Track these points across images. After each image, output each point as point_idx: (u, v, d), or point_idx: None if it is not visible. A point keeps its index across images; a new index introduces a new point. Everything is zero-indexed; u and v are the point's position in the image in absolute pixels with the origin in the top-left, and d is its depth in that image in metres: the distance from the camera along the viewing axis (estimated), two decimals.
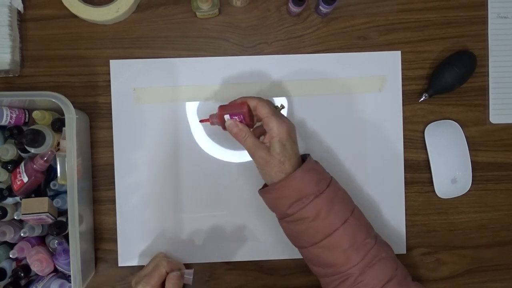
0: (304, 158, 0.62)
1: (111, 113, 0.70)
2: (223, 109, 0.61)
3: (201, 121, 0.65)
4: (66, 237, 0.65)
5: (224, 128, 0.62)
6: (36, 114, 0.63)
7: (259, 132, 0.64)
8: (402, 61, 0.72)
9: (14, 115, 0.64)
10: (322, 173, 0.61)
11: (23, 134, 0.62)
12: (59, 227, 0.64)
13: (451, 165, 0.71)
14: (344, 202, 0.61)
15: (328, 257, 0.59)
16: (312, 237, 0.59)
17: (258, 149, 0.59)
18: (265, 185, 0.63)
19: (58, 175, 0.63)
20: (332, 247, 0.58)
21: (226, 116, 0.61)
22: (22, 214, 0.62)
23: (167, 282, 0.61)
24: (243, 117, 0.60)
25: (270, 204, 0.62)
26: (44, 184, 0.66)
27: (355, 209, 0.61)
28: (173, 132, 0.71)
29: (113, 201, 0.71)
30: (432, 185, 0.72)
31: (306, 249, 0.60)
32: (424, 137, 0.72)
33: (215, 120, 0.62)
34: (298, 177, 0.58)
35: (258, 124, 0.63)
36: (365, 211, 0.72)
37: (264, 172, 0.60)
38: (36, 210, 0.62)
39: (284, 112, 0.71)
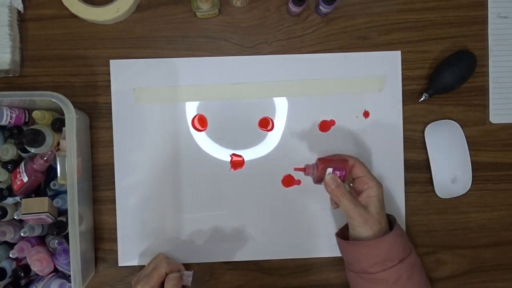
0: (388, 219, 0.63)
1: (111, 113, 0.70)
2: (324, 162, 0.62)
3: (295, 169, 0.64)
4: (66, 237, 0.65)
5: (319, 181, 0.62)
6: (36, 114, 0.63)
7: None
8: (402, 61, 0.72)
9: (14, 115, 0.64)
10: (407, 240, 0.63)
11: (23, 134, 0.62)
12: (59, 227, 0.64)
13: (451, 165, 0.71)
14: (421, 271, 0.62)
15: None
16: None
17: (357, 206, 0.60)
18: (343, 232, 0.63)
19: (58, 175, 0.63)
20: None
21: (329, 170, 0.61)
22: (22, 214, 0.62)
23: (166, 283, 0.61)
24: (345, 173, 0.61)
25: (352, 257, 0.62)
26: (44, 184, 0.66)
27: (427, 278, 0.63)
28: (173, 132, 0.71)
29: (113, 201, 0.71)
30: (432, 185, 0.72)
31: None
32: (424, 137, 0.72)
33: (314, 172, 0.62)
34: (391, 239, 0.59)
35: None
36: None
37: (359, 228, 0.60)
38: (36, 210, 0.62)
39: (284, 113, 0.71)
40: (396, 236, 0.60)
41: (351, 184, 0.65)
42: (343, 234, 0.65)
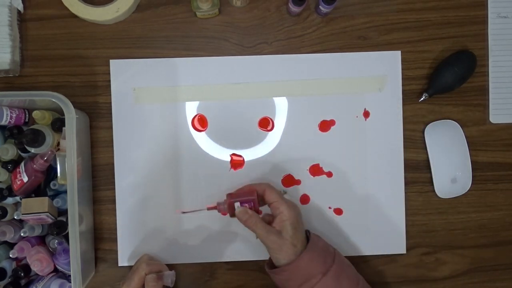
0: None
1: (111, 113, 0.70)
2: (232, 196, 0.63)
3: (208, 208, 0.65)
4: (66, 237, 0.65)
5: (232, 215, 0.63)
6: (36, 114, 0.63)
7: (267, 220, 0.64)
8: (402, 61, 0.72)
9: (14, 115, 0.64)
10: (327, 249, 0.63)
11: (23, 134, 0.62)
12: (59, 227, 0.64)
13: (451, 165, 0.71)
14: (350, 277, 0.62)
15: None
16: None
17: (270, 233, 0.60)
18: (271, 261, 0.63)
19: (58, 175, 0.63)
20: None
21: (237, 204, 0.62)
22: (22, 214, 0.62)
23: (145, 284, 0.62)
24: (253, 204, 0.62)
25: (280, 283, 0.62)
26: (44, 184, 0.66)
27: (359, 281, 0.63)
28: (173, 132, 0.71)
29: (113, 201, 0.71)
30: (432, 185, 0.72)
31: None
32: (424, 137, 0.72)
33: (224, 207, 0.63)
34: (306, 258, 0.59)
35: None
36: (365, 211, 0.72)
37: (278, 256, 0.61)
38: (36, 210, 0.62)
39: (284, 113, 0.71)
40: (312, 252, 0.60)
41: (286, 192, 0.67)
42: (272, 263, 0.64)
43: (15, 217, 0.65)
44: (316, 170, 0.72)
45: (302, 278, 0.59)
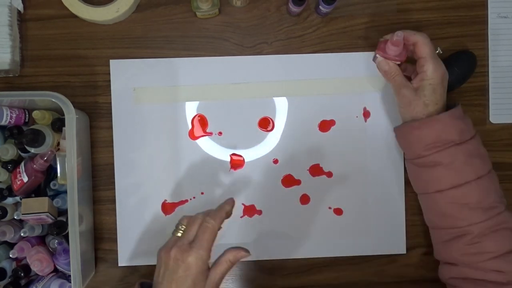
0: (453, 106, 0.61)
1: (111, 113, 0.70)
2: (380, 49, 0.62)
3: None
4: (66, 237, 0.65)
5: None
6: (36, 114, 0.63)
7: (411, 72, 0.64)
8: None
9: (14, 115, 0.64)
10: (468, 126, 0.60)
11: (23, 134, 0.62)
12: (59, 227, 0.64)
13: None
14: (483, 160, 0.59)
15: (450, 208, 0.58)
16: (438, 184, 0.58)
17: (404, 88, 0.60)
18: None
19: (58, 175, 0.63)
20: (458, 198, 0.57)
21: (378, 57, 0.63)
22: (22, 214, 0.62)
23: (223, 257, 0.56)
24: (401, 57, 0.61)
25: (404, 142, 0.62)
26: (44, 184, 0.66)
27: (491, 171, 0.60)
28: (173, 132, 0.71)
29: (113, 201, 0.71)
30: None
31: (428, 195, 0.60)
32: None
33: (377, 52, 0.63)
34: (442, 120, 0.57)
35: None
36: (365, 211, 0.72)
37: (404, 111, 0.60)
38: (36, 210, 0.62)
39: (284, 113, 0.71)
40: (449, 118, 0.57)
41: (439, 51, 0.64)
42: None
43: (15, 217, 0.65)
44: (316, 170, 0.72)
45: (431, 139, 0.57)
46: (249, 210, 0.71)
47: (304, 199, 0.72)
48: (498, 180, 0.61)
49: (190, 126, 0.71)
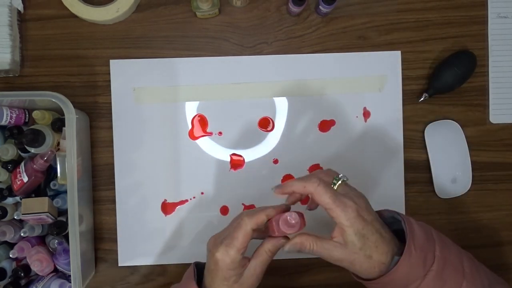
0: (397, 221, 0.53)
1: (111, 113, 0.70)
2: (270, 222, 0.54)
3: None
4: (66, 237, 0.65)
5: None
6: (36, 114, 0.63)
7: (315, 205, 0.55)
8: (402, 61, 0.72)
9: (14, 115, 0.64)
10: (427, 242, 0.50)
11: (23, 134, 0.62)
12: (59, 227, 0.64)
13: (451, 165, 0.71)
14: (454, 267, 0.51)
15: None
16: None
17: (333, 251, 0.50)
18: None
19: (58, 175, 0.63)
20: None
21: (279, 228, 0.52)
22: (22, 214, 0.62)
23: (258, 251, 0.52)
24: (299, 224, 0.52)
25: None
26: (44, 184, 0.66)
27: (464, 267, 0.52)
28: (173, 132, 0.71)
29: (113, 201, 0.70)
30: (432, 185, 0.72)
31: None
32: (424, 137, 0.72)
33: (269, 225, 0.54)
34: (404, 266, 0.48)
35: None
36: None
37: (354, 271, 0.51)
38: (36, 210, 0.62)
39: (284, 113, 0.71)
40: (408, 259, 0.48)
41: (345, 181, 0.55)
42: None
43: (15, 217, 0.65)
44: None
45: (400, 285, 0.49)
46: None
47: (304, 199, 0.72)
48: (474, 262, 0.55)
49: (190, 126, 0.71)
